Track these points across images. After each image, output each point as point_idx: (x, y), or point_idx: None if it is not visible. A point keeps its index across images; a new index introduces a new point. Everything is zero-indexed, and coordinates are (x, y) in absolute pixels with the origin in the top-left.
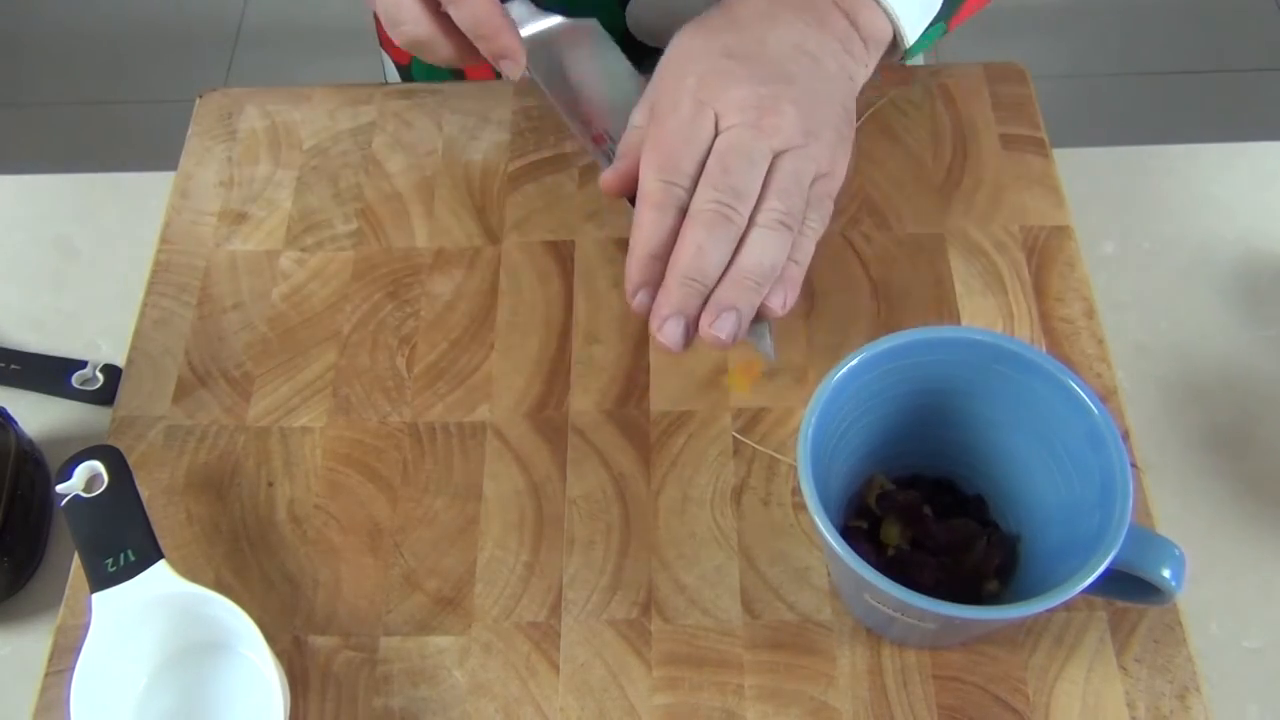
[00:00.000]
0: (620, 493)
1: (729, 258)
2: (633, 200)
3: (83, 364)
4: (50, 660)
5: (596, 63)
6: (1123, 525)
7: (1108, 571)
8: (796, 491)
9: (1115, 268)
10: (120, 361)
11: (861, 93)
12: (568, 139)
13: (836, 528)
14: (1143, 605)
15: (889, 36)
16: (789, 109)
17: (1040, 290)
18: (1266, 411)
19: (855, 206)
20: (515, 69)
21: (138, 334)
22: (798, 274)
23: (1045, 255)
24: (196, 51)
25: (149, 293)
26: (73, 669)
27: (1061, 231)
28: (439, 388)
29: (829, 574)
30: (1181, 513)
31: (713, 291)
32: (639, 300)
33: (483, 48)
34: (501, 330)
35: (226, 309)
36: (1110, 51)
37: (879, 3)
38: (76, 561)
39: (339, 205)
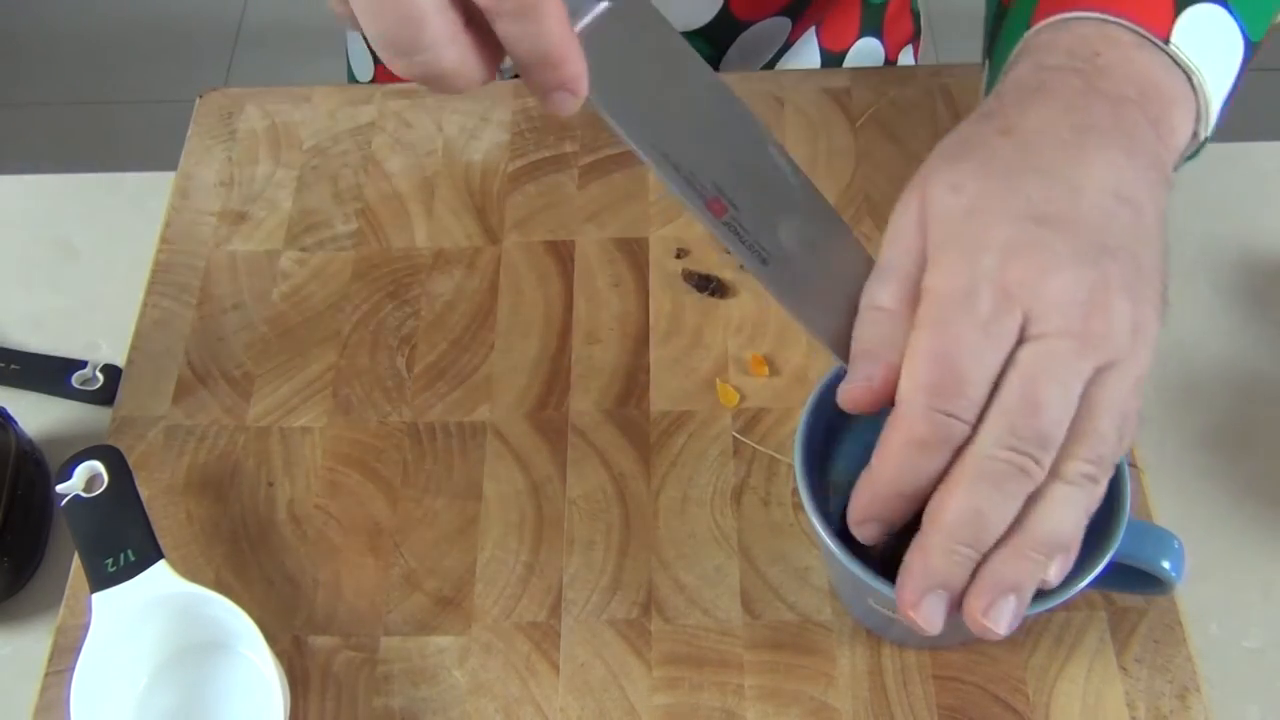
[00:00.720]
0: (620, 493)
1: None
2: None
3: (83, 364)
4: (50, 660)
5: (671, 75)
6: (1121, 525)
7: (1108, 564)
8: (796, 491)
9: None
10: (120, 361)
11: (861, 94)
12: (567, 139)
13: (835, 530)
14: (1143, 596)
15: (1189, 135)
16: (1120, 303)
17: None
18: (1266, 411)
19: (855, 207)
20: (573, 104)
21: (138, 334)
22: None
23: None
24: (196, 51)
25: (149, 293)
26: (73, 669)
27: None
28: (439, 388)
29: (828, 575)
30: (1181, 513)
31: (985, 558)
32: (867, 531)
33: (542, 77)
34: (501, 330)
35: (226, 309)
36: None
37: (1193, 85)
38: (76, 561)
39: (339, 205)
